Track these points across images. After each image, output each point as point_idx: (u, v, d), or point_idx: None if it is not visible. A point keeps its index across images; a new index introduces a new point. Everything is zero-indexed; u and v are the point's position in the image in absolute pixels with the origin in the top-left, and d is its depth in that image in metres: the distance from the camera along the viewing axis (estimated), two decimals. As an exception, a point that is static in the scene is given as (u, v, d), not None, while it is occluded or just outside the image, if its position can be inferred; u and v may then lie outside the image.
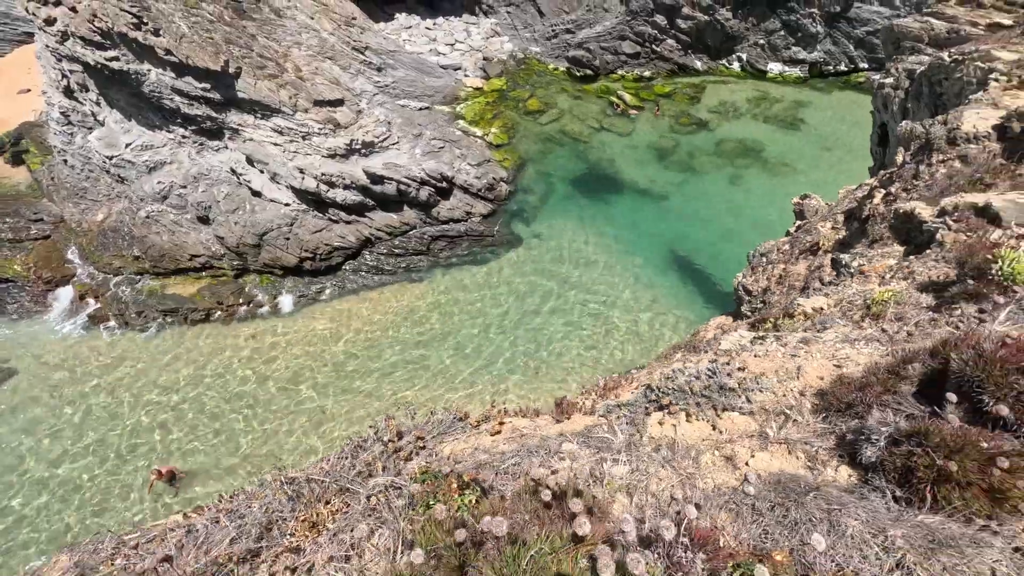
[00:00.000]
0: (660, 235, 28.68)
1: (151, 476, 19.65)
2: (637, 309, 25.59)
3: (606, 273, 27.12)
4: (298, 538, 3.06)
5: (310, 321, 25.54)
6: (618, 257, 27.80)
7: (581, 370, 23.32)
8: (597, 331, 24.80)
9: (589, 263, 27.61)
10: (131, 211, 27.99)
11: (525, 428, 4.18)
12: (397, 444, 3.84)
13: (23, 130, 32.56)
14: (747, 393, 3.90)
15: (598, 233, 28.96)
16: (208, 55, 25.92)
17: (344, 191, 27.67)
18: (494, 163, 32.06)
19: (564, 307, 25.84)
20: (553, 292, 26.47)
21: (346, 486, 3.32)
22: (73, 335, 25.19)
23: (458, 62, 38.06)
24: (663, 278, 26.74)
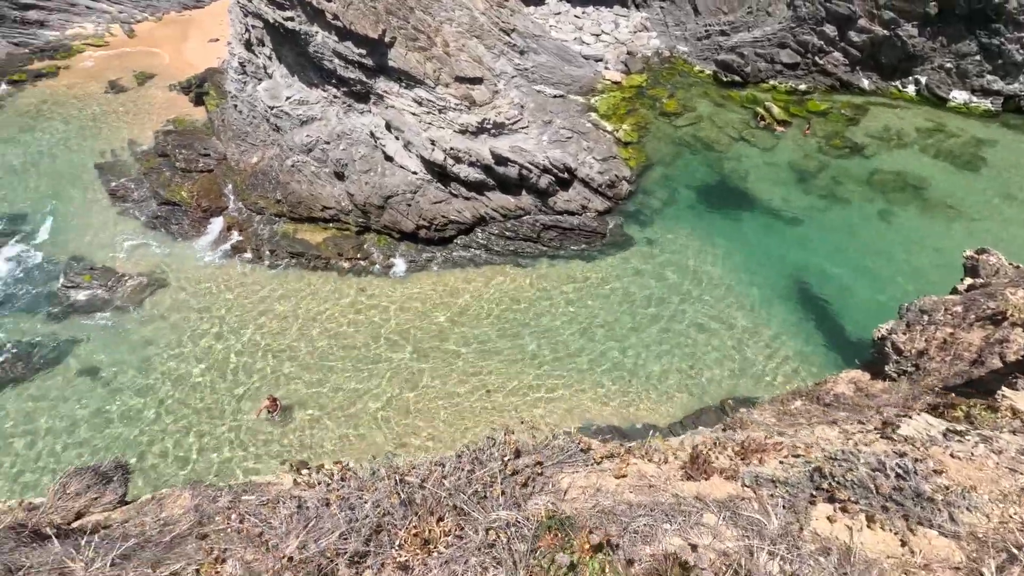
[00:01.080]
0: (787, 262, 26.48)
1: (264, 402, 21.66)
2: (749, 337, 23.90)
3: (720, 292, 25.57)
4: (408, 553, 3.00)
5: (417, 286, 26.69)
6: (736, 278, 26.08)
7: (678, 392, 22.29)
8: (701, 352, 23.53)
9: (703, 279, 26.18)
10: (280, 158, 30.74)
11: (653, 477, 3.84)
12: (515, 464, 3.70)
13: (207, 75, 36.84)
14: (951, 509, 3.23)
15: (718, 248, 27.33)
16: (369, 23, 27.56)
17: (468, 167, 28.40)
18: (619, 160, 31.29)
19: (668, 320, 24.78)
20: (659, 302, 25.47)
21: (462, 506, 3.23)
22: (216, 260, 28.33)
23: (601, 53, 37.40)
24: (784, 309, 24.71)
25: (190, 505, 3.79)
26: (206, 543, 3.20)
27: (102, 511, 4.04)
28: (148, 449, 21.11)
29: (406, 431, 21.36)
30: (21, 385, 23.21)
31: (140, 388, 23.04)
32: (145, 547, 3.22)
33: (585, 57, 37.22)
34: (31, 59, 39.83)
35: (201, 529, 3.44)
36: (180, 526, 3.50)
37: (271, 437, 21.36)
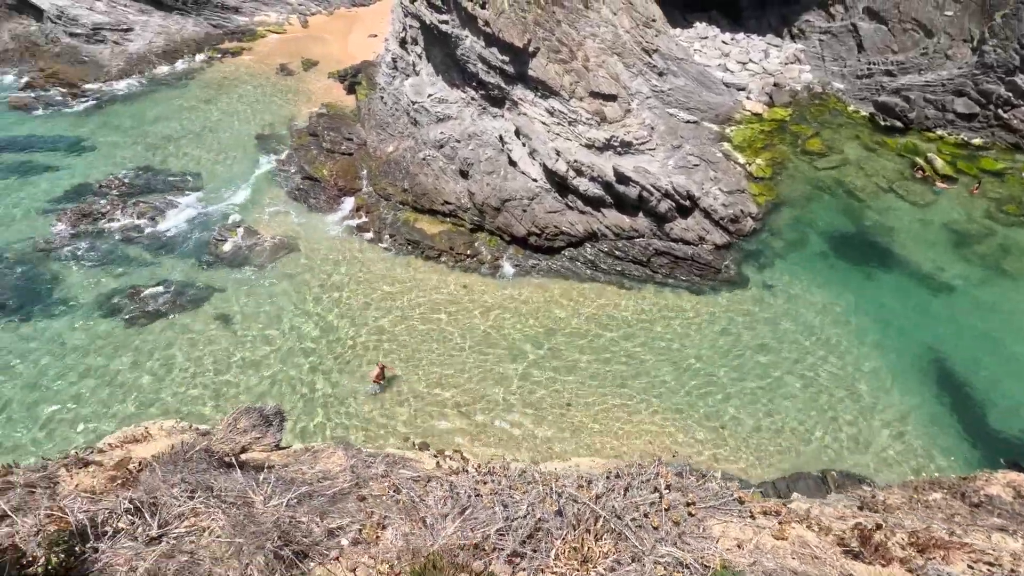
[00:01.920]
0: (928, 336, 23.59)
1: (376, 368, 23.02)
2: (868, 409, 21.56)
3: (842, 355, 23.33)
4: (565, 565, 2.98)
5: (518, 290, 27.08)
6: (864, 341, 23.66)
7: (775, 449, 20.67)
8: (808, 413, 21.63)
9: (824, 335, 24.06)
10: (413, 150, 32.64)
11: (816, 547, 3.51)
12: (667, 498, 3.58)
13: (362, 66, 40.05)
14: None
15: (846, 306, 24.99)
16: (516, 32, 28.49)
17: (589, 182, 28.37)
18: (747, 195, 29.70)
19: (776, 372, 23.06)
20: (768, 351, 23.78)
21: (622, 531, 3.17)
22: (341, 234, 30.67)
23: (744, 83, 35.79)
24: (915, 387, 22.02)
25: (346, 464, 4.08)
26: (365, 505, 3.42)
27: (262, 451, 4.49)
28: (260, 398, 23.25)
29: (481, 427, 21.70)
30: (167, 319, 26.56)
31: (262, 339, 25.46)
32: (313, 496, 3.52)
33: (727, 84, 35.80)
34: (223, 39, 45.69)
35: (359, 491, 3.69)
36: (339, 483, 3.78)
37: (373, 407, 22.63)
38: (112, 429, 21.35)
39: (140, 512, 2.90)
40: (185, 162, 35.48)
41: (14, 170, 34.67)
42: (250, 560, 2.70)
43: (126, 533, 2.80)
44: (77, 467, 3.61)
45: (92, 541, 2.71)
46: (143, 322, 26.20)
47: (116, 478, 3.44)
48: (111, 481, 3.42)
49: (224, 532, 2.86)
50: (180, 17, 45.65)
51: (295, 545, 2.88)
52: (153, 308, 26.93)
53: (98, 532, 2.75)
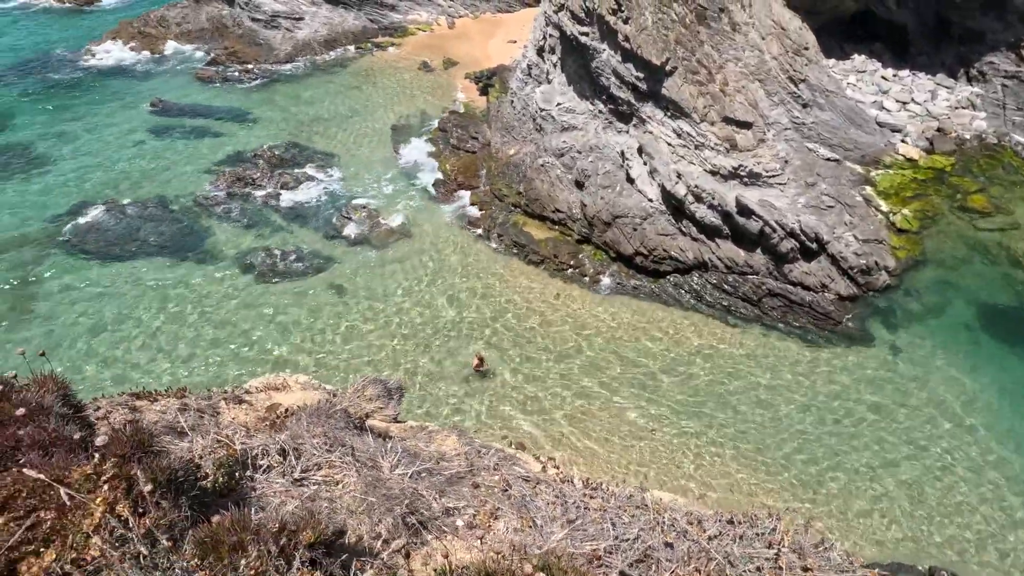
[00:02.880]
0: (1090, 438, 20.07)
1: (476, 359, 23.76)
2: (1007, 511, 18.74)
3: (976, 442, 20.47)
4: None
5: (615, 308, 26.66)
6: (1007, 431, 20.62)
7: (878, 534, 18.61)
8: (924, 502, 19.22)
9: (955, 417, 21.26)
10: (533, 156, 33.26)
11: None
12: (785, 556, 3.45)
13: (497, 70, 41.47)
14: None
15: (989, 388, 21.90)
16: (656, 50, 28.08)
17: (707, 209, 27.28)
18: (886, 247, 26.99)
19: (890, 448, 20.74)
20: (886, 423, 21.44)
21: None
22: (454, 228, 31.99)
23: (902, 124, 32.56)
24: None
25: (461, 450, 4.36)
26: (479, 493, 3.66)
27: (382, 420, 4.93)
28: (369, 365, 24.80)
29: (560, 437, 21.59)
30: (291, 281, 29.22)
31: (370, 312, 27.23)
32: (432, 473, 3.83)
33: (880, 124, 32.76)
34: (377, 34, 49.44)
35: (473, 478, 3.95)
36: (454, 466, 4.07)
37: (469, 393, 23.36)
38: (237, 371, 23.90)
39: (286, 454, 3.30)
40: (327, 142, 38.80)
41: (191, 132, 39.90)
42: (380, 519, 2.97)
43: (276, 470, 3.21)
44: (234, 402, 4.16)
45: (250, 471, 3.15)
46: (272, 280, 29.06)
47: (265, 419, 3.93)
48: (261, 421, 3.92)
49: (357, 488, 3.17)
50: (344, 11, 50.04)
51: (417, 515, 3.12)
52: (281, 269, 29.79)
53: (255, 464, 3.18)
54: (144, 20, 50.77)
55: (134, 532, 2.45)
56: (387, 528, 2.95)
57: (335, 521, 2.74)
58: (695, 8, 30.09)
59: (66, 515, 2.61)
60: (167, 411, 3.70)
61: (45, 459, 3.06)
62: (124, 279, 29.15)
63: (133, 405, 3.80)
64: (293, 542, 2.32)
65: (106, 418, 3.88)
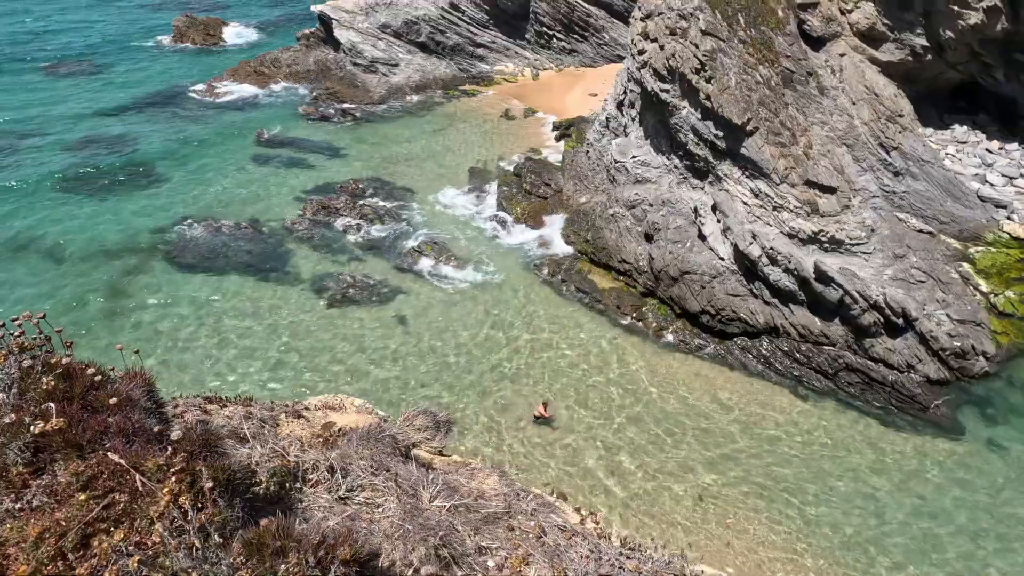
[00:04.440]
0: None
1: (540, 405, 23.40)
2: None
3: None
4: None
5: (680, 367, 25.77)
6: None
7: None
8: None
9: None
10: (604, 205, 33.45)
11: None
12: None
13: (576, 121, 42.58)
14: None
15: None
16: (738, 110, 27.91)
17: (782, 273, 26.19)
18: (984, 330, 24.71)
19: (981, 558, 18.39)
20: (976, 529, 19.11)
21: None
22: (520, 268, 32.42)
23: (1008, 200, 30.27)
24: None
25: (500, 491, 4.38)
26: (513, 536, 3.65)
27: (427, 451, 5.03)
28: (417, 400, 25.31)
29: (612, 494, 20.72)
30: (360, 307, 30.46)
31: (428, 347, 27.80)
32: (470, 510, 3.88)
33: (982, 199, 30.62)
34: (465, 82, 52.33)
35: (510, 520, 3.95)
36: (491, 505, 4.09)
37: (526, 439, 23.23)
38: (297, 391, 24.91)
39: (334, 471, 3.44)
40: (408, 179, 40.89)
41: (287, 163, 43.32)
42: (414, 547, 3.02)
43: (323, 486, 3.34)
44: (293, 416, 4.39)
45: (299, 483, 3.30)
46: (342, 304, 30.41)
47: (319, 436, 4.12)
48: (315, 437, 4.11)
49: (396, 514, 3.24)
50: (436, 59, 53.49)
51: (450, 549, 3.14)
52: (352, 295, 31.16)
53: (304, 477, 3.33)
54: (260, 60, 56.45)
55: (191, 524, 2.61)
56: (419, 557, 2.97)
57: (371, 543, 2.79)
58: (781, 71, 29.86)
59: (136, 500, 2.82)
60: (233, 417, 3.95)
61: (127, 446, 3.34)
62: (211, 289, 31.48)
63: (204, 408, 4.09)
64: (330, 556, 2.39)
65: (181, 416, 4.20)
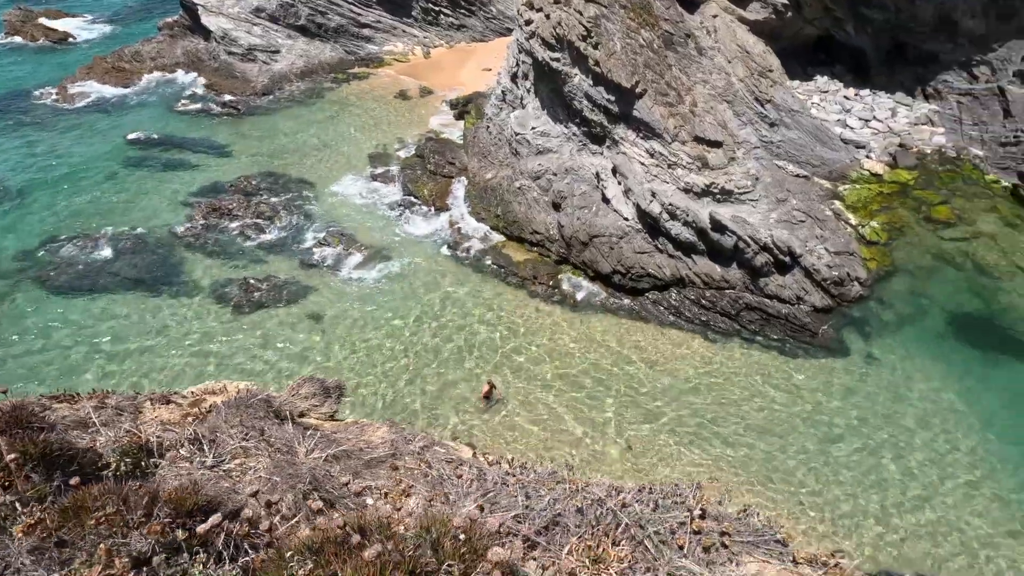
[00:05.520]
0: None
1: (484, 389, 23.25)
2: (973, 510, 18.86)
3: (949, 446, 20.69)
4: (576, 561, 2.96)
5: (598, 326, 26.66)
6: (978, 436, 20.86)
7: (858, 544, 18.52)
8: (903, 505, 19.26)
9: (931, 422, 21.49)
10: (510, 179, 33.58)
11: None
12: (700, 523, 3.41)
13: (473, 97, 42.14)
14: None
15: (961, 393, 22.23)
16: (625, 74, 28.81)
17: (682, 226, 27.68)
18: (857, 258, 27.56)
19: (869, 453, 20.80)
20: (863, 429, 21.55)
21: (641, 540, 3.08)
22: (433, 252, 31.93)
23: (865, 140, 33.68)
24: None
25: (388, 438, 4.26)
26: (397, 474, 3.56)
27: (317, 417, 4.78)
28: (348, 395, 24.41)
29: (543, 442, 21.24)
30: (267, 311, 28.76)
31: (348, 340, 26.79)
32: (351, 456, 3.71)
33: (845, 141, 33.87)
34: (353, 64, 50.07)
35: (395, 461, 3.84)
36: (378, 452, 3.95)
37: (463, 419, 23.00)
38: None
39: (200, 443, 3.18)
40: (304, 171, 38.78)
41: (166, 165, 39.62)
42: (281, 497, 2.88)
43: (184, 458, 3.09)
44: (160, 402, 4.02)
45: (156, 458, 3.03)
46: (248, 311, 28.56)
47: (189, 415, 3.80)
48: (184, 417, 3.78)
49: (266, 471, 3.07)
50: (320, 43, 50.69)
51: (324, 493, 3.03)
52: (258, 299, 29.32)
53: (163, 452, 3.06)
54: (118, 56, 50.82)
55: (1, 498, 2.34)
56: (287, 505, 2.85)
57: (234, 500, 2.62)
58: (662, 34, 31.07)
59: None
60: (81, 410, 3.56)
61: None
62: (96, 312, 28.42)
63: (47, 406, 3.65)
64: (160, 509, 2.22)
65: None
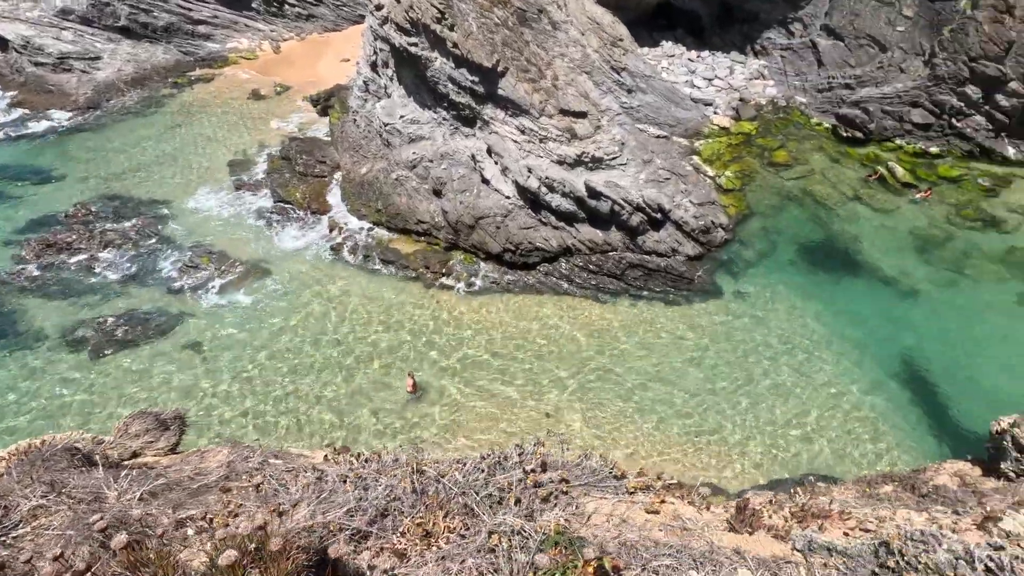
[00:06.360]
0: (895, 337, 24.06)
1: (408, 384, 22.91)
2: (837, 409, 21.84)
3: (812, 360, 23.65)
4: (408, 541, 2.98)
5: (496, 305, 26.99)
6: (832, 345, 24.03)
7: (752, 459, 20.70)
8: (781, 419, 21.78)
9: (794, 343, 24.38)
10: (386, 171, 32.64)
11: (690, 519, 3.54)
12: (538, 477, 3.57)
13: (335, 90, 40.18)
14: None
15: (817, 312, 25.40)
16: (485, 53, 28.89)
17: (561, 198, 28.61)
18: (718, 207, 30.21)
19: (747, 379, 23.22)
20: (740, 359, 23.97)
21: (472, 506, 3.17)
22: (316, 257, 30.34)
23: (711, 98, 36.71)
24: (883, 386, 22.39)
25: (225, 460, 3.98)
26: (227, 496, 3.34)
27: (154, 454, 4.34)
28: (248, 423, 22.65)
29: (455, 431, 21.37)
30: (137, 348, 25.85)
31: (238, 365, 24.88)
32: (173, 489, 3.41)
33: (694, 100, 36.67)
34: (194, 66, 45.56)
35: (227, 483, 3.61)
36: (210, 477, 3.68)
37: (397, 419, 22.14)
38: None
39: None
40: (154, 189, 34.97)
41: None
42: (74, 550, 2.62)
43: None
44: None
45: None
46: (109, 353, 25.46)
47: None
48: None
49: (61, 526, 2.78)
50: (149, 45, 45.48)
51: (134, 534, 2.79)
52: (120, 337, 26.22)
53: None
54: None
55: None
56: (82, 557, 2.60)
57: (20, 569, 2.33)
58: (515, 11, 31.45)
59: None
60: None
61: None
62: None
63: None
64: None
65: None
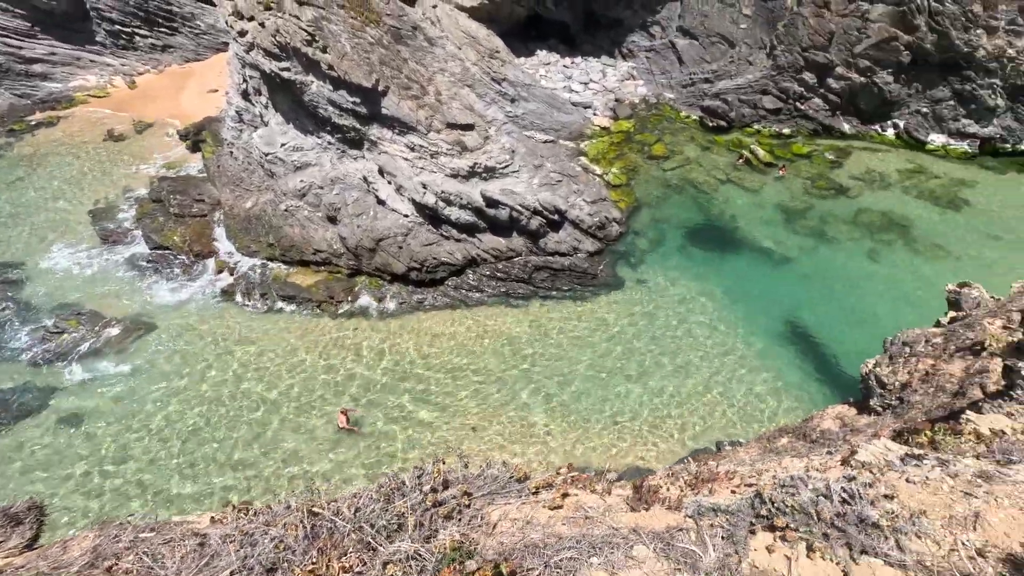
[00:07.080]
0: (777, 302, 26.52)
1: (340, 419, 21.96)
2: (738, 376, 23.65)
3: (710, 332, 25.46)
4: None
5: (409, 326, 26.43)
6: (726, 317, 26.03)
7: (671, 435, 21.82)
8: (689, 392, 23.20)
9: (692, 319, 26.12)
10: (274, 203, 30.99)
11: (591, 507, 3.62)
12: (439, 496, 3.49)
13: (205, 123, 37.59)
14: (898, 536, 3.02)
15: (709, 289, 27.40)
16: (363, 73, 28.37)
17: (459, 210, 28.67)
18: (609, 203, 31.72)
19: (657, 361, 24.53)
20: (648, 343, 25.27)
21: (368, 540, 3.05)
22: (206, 303, 28.10)
23: (589, 100, 38.54)
24: (774, 348, 24.57)
25: (90, 546, 3.53)
26: None
27: (5, 555, 3.75)
28: (136, 496, 20.30)
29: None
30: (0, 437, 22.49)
31: (127, 434, 22.35)
32: None
33: (574, 104, 38.32)
34: (32, 110, 40.66)
35: (91, 571, 3.20)
36: (70, 570, 3.25)
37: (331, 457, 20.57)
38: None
39: None
40: (0, 251, 30.71)
41: None
42: None
43: None
44: None
45: None
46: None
47: None
48: None
49: None
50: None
51: None
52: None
53: None
54: None
55: None
56: None
57: None
58: (389, 29, 31.22)
59: None
60: None
61: None
62: None
63: None
64: None
65: None
